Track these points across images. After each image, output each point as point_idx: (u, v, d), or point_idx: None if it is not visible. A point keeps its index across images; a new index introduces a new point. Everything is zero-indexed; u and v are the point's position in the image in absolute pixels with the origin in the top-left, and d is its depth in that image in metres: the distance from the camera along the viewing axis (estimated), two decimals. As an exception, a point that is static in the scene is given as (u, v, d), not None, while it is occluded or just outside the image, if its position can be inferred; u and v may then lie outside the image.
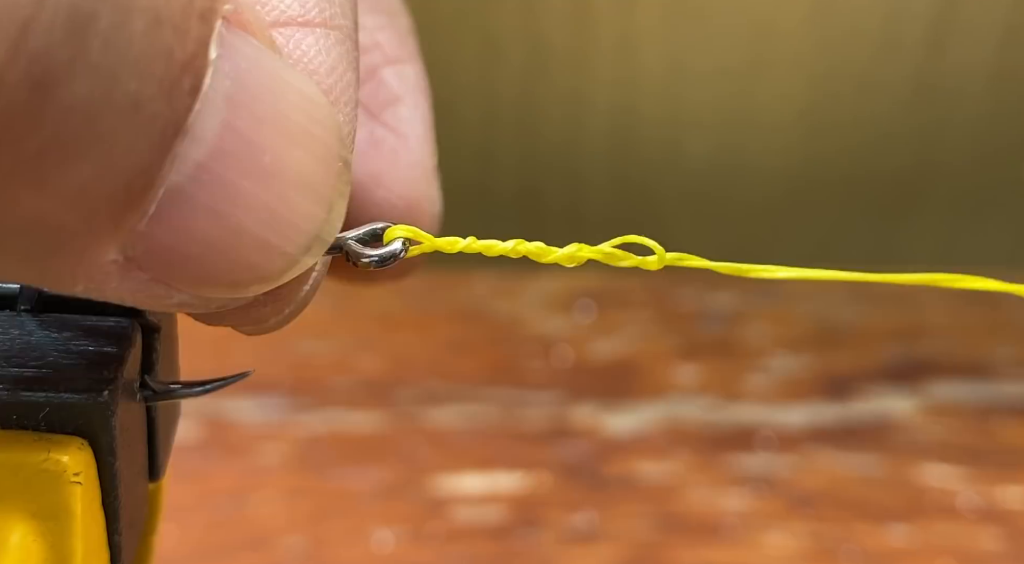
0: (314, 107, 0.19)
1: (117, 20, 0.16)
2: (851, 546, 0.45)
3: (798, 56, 0.59)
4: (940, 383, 0.52)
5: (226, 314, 0.21)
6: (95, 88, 0.16)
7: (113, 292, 0.18)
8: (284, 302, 0.21)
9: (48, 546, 0.20)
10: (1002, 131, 0.61)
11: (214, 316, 0.21)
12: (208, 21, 0.18)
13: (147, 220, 0.18)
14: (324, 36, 0.21)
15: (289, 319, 0.22)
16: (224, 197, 0.18)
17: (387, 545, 0.45)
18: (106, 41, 0.16)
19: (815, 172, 0.63)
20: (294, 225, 0.19)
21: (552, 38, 0.59)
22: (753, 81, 0.60)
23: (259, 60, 0.18)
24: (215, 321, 0.21)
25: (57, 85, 0.16)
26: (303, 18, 0.21)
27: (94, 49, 0.16)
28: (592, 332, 0.54)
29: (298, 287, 0.21)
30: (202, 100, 0.17)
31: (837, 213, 0.64)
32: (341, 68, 0.21)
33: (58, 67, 0.16)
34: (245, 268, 0.19)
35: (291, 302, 0.21)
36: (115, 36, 0.16)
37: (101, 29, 0.16)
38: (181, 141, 0.17)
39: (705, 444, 0.49)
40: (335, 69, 0.21)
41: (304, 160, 0.19)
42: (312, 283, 0.22)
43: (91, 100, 0.16)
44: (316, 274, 0.22)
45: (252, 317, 0.21)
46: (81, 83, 0.16)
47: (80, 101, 0.16)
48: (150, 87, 0.17)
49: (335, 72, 0.21)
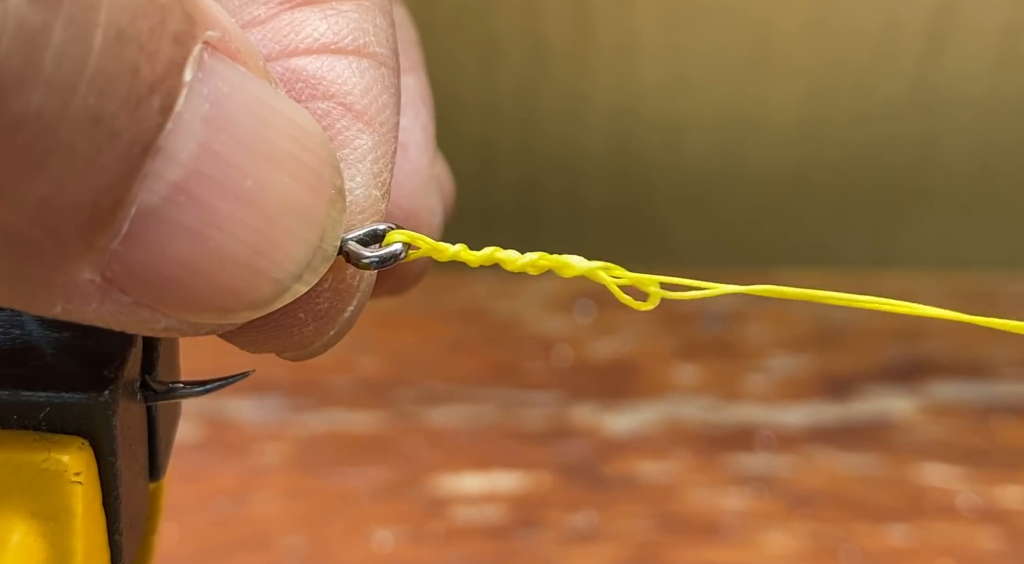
0: (303, 134, 0.19)
1: (72, 34, 0.16)
2: (851, 546, 0.45)
3: (798, 56, 0.59)
4: (940, 383, 0.52)
5: (268, 339, 0.21)
6: (49, 100, 0.16)
7: (94, 314, 0.18)
8: (328, 323, 0.21)
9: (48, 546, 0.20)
10: (1002, 131, 0.61)
11: (257, 342, 0.21)
12: (183, 44, 0.18)
13: (121, 239, 0.18)
14: (357, 62, 0.21)
15: (334, 341, 0.22)
16: (203, 219, 0.18)
17: (387, 545, 0.45)
18: (60, 54, 0.16)
19: (815, 172, 0.63)
20: (283, 251, 0.19)
21: (552, 38, 0.59)
22: (753, 81, 0.60)
23: (242, 86, 0.18)
24: (258, 348, 0.21)
25: (7, 94, 0.16)
26: (336, 46, 0.21)
27: (47, 61, 0.16)
28: (592, 332, 0.54)
29: (341, 307, 0.21)
30: (174, 120, 0.17)
31: (837, 213, 0.64)
32: (375, 91, 0.21)
33: (6, 77, 0.16)
34: (231, 293, 0.19)
35: (335, 323, 0.21)
36: (70, 50, 0.16)
37: (54, 42, 0.16)
38: (152, 160, 0.17)
39: (705, 444, 0.49)
40: (369, 91, 0.21)
41: (291, 186, 0.19)
42: (356, 304, 0.21)
43: (45, 111, 0.16)
44: (360, 294, 0.22)
45: (295, 340, 0.21)
46: (34, 94, 0.16)
47: (33, 112, 0.16)
48: (111, 103, 0.17)
49: (369, 94, 0.21)
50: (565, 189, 0.63)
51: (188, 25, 0.18)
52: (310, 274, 0.20)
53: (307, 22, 0.21)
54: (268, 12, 0.21)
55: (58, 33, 0.16)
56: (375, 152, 0.21)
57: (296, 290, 0.19)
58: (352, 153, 0.21)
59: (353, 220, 0.21)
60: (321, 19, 0.21)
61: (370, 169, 0.21)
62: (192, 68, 0.18)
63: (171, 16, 0.17)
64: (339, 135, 0.21)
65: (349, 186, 0.21)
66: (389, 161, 0.21)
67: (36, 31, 0.16)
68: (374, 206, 0.21)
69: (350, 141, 0.21)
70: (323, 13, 0.21)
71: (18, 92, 0.16)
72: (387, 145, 0.21)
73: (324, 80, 0.21)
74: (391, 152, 0.21)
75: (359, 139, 0.21)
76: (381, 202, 0.21)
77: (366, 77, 0.21)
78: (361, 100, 0.21)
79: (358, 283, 0.21)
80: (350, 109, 0.21)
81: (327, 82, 0.21)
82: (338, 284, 0.21)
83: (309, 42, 0.21)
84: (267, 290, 0.19)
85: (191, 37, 0.18)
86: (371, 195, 0.21)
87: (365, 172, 0.21)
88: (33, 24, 0.16)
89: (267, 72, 0.19)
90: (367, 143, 0.21)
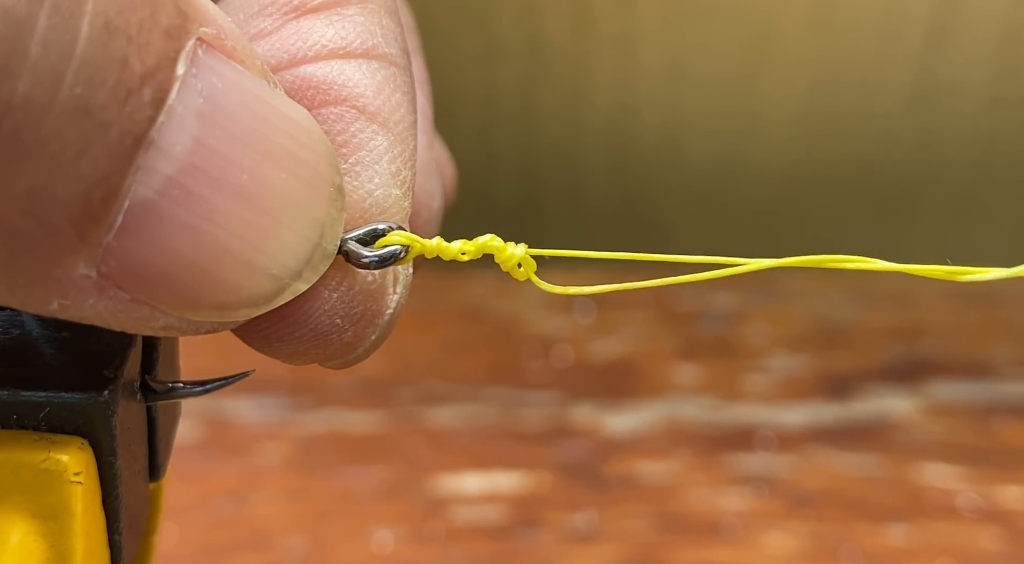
0: (301, 131, 0.19)
1: (58, 23, 0.16)
2: (851, 546, 0.45)
3: (798, 56, 0.59)
4: (940, 383, 0.52)
5: (309, 348, 0.21)
6: (36, 88, 0.16)
7: (92, 311, 0.18)
8: (366, 327, 0.21)
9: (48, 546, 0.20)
10: (1002, 131, 0.61)
11: (299, 353, 0.21)
12: (176, 39, 0.18)
13: (115, 233, 0.18)
14: (367, 64, 0.21)
15: (376, 346, 0.21)
16: (198, 213, 0.18)
17: (387, 545, 0.45)
18: (46, 43, 0.16)
19: (815, 171, 0.63)
20: (281, 247, 0.19)
21: (552, 38, 0.59)
22: (753, 80, 0.60)
23: (238, 82, 0.18)
24: (301, 358, 0.21)
25: None
26: (344, 50, 0.21)
27: (32, 50, 0.16)
28: (592, 332, 0.54)
29: (378, 310, 0.21)
30: (167, 113, 0.17)
31: (837, 212, 0.64)
32: (388, 90, 0.21)
33: None
34: (229, 289, 0.19)
35: (374, 327, 0.21)
36: (56, 39, 0.16)
37: (40, 30, 0.16)
38: (144, 152, 0.17)
39: (705, 444, 0.49)
40: (381, 91, 0.21)
41: (289, 182, 0.19)
42: (395, 307, 0.21)
43: (32, 100, 0.16)
44: (398, 297, 0.21)
45: (336, 348, 0.21)
46: (20, 82, 0.16)
47: (20, 100, 0.16)
48: (100, 93, 0.17)
49: (381, 94, 0.21)
50: (565, 186, 0.63)
51: (180, 20, 0.18)
52: (310, 272, 0.19)
53: (313, 29, 0.21)
54: (274, 23, 0.21)
55: (43, 22, 0.16)
56: (392, 151, 0.21)
57: (296, 288, 0.19)
58: (369, 155, 0.21)
59: (374, 220, 0.21)
60: (327, 25, 0.21)
61: (387, 169, 0.21)
62: (185, 62, 0.18)
63: (162, 10, 0.17)
64: (354, 138, 0.21)
65: (368, 187, 0.21)
66: (408, 159, 0.21)
67: (21, 19, 0.16)
68: (396, 204, 0.21)
69: (366, 143, 0.21)
70: (329, 19, 0.21)
71: (4, 80, 0.16)
72: (404, 143, 0.21)
73: (335, 84, 0.21)
74: (409, 150, 0.21)
75: (375, 140, 0.21)
76: (403, 200, 0.21)
77: (377, 78, 0.21)
78: (374, 101, 0.21)
79: (392, 284, 0.21)
80: (363, 111, 0.21)
81: (338, 86, 0.21)
82: (370, 286, 0.21)
83: (317, 49, 0.21)
84: (266, 287, 0.19)
85: (183, 32, 0.18)
86: (391, 194, 0.21)
87: (383, 172, 0.21)
88: (17, 12, 0.16)
89: (264, 70, 0.19)
90: (383, 143, 0.21)
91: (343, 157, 0.21)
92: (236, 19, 0.21)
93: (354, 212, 0.21)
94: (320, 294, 0.21)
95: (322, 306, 0.21)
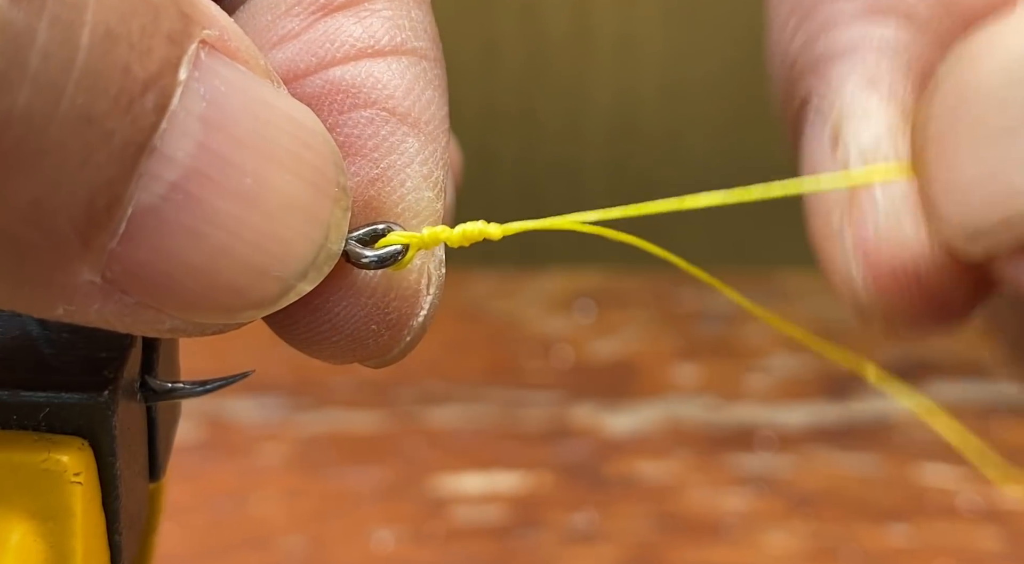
0: (305, 133, 0.19)
1: (57, 33, 0.16)
2: (851, 546, 0.45)
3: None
4: (940, 383, 0.52)
5: (347, 351, 0.21)
6: (37, 99, 0.16)
7: (97, 315, 0.18)
8: (401, 330, 0.21)
9: (48, 546, 0.20)
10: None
11: (338, 355, 0.21)
12: (178, 43, 0.17)
13: (119, 239, 0.17)
14: (396, 62, 0.21)
15: (412, 346, 0.22)
16: (203, 218, 0.18)
17: (387, 545, 0.45)
18: (46, 53, 0.16)
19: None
20: (286, 249, 0.19)
21: (552, 38, 0.59)
22: (753, 80, 0.60)
23: (241, 84, 0.18)
24: (340, 359, 0.21)
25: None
26: (372, 49, 0.21)
27: (32, 60, 0.16)
28: (592, 332, 0.54)
29: (411, 313, 0.21)
30: (169, 119, 0.17)
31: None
32: (418, 89, 0.21)
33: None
34: (234, 291, 0.19)
35: (408, 329, 0.21)
36: (56, 49, 0.16)
37: (40, 41, 0.16)
38: (148, 159, 0.17)
39: (705, 444, 0.49)
40: (411, 91, 0.21)
41: (293, 184, 0.19)
42: (429, 309, 0.21)
43: (34, 110, 0.16)
44: (431, 298, 0.21)
45: (374, 349, 0.21)
46: (21, 93, 0.16)
47: (21, 111, 0.16)
48: (102, 102, 0.17)
49: (411, 94, 0.21)
50: (565, 187, 0.63)
51: (183, 24, 0.18)
52: (315, 273, 0.19)
53: (341, 28, 0.21)
54: (301, 24, 0.21)
55: (43, 33, 0.16)
56: (423, 153, 0.21)
57: (301, 289, 0.19)
58: (400, 158, 0.21)
59: (408, 226, 0.21)
60: (355, 23, 0.21)
61: (419, 171, 0.21)
62: (187, 67, 0.18)
63: (165, 15, 0.17)
64: (385, 141, 0.21)
65: (400, 192, 0.21)
66: (440, 158, 0.21)
67: (20, 31, 0.16)
68: (428, 207, 0.21)
69: (397, 146, 0.21)
70: (357, 16, 0.21)
71: (4, 91, 0.16)
72: (436, 142, 0.21)
73: (364, 87, 0.21)
74: (441, 148, 0.21)
75: (405, 143, 0.21)
76: (435, 202, 0.21)
77: (407, 76, 0.21)
78: (404, 102, 0.21)
79: (426, 286, 0.21)
80: (393, 113, 0.21)
81: (367, 89, 0.21)
82: (403, 291, 0.21)
83: (346, 49, 0.21)
84: (271, 289, 0.19)
85: (186, 36, 0.18)
86: (423, 197, 0.21)
87: (415, 175, 0.21)
88: (16, 24, 0.16)
89: (268, 71, 0.19)
90: (414, 145, 0.21)
91: (375, 162, 0.21)
92: (263, 21, 0.21)
93: (388, 218, 0.21)
94: (358, 301, 0.21)
95: (359, 313, 0.21)
